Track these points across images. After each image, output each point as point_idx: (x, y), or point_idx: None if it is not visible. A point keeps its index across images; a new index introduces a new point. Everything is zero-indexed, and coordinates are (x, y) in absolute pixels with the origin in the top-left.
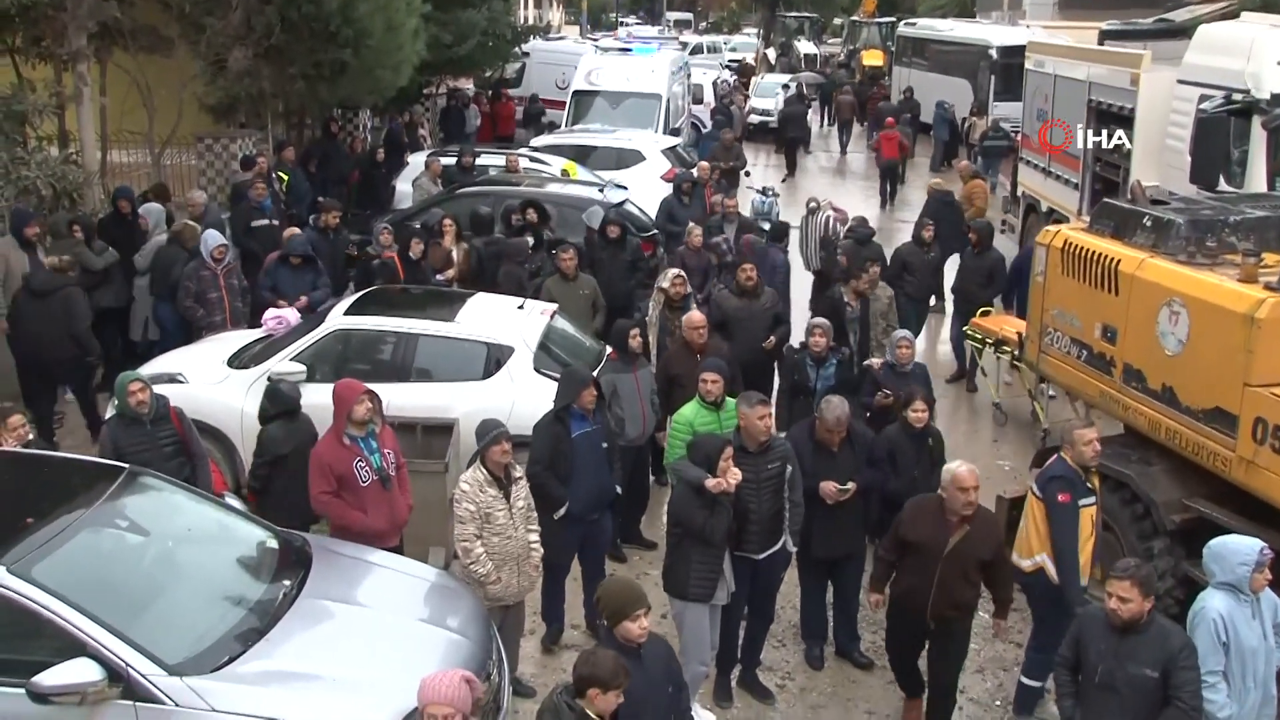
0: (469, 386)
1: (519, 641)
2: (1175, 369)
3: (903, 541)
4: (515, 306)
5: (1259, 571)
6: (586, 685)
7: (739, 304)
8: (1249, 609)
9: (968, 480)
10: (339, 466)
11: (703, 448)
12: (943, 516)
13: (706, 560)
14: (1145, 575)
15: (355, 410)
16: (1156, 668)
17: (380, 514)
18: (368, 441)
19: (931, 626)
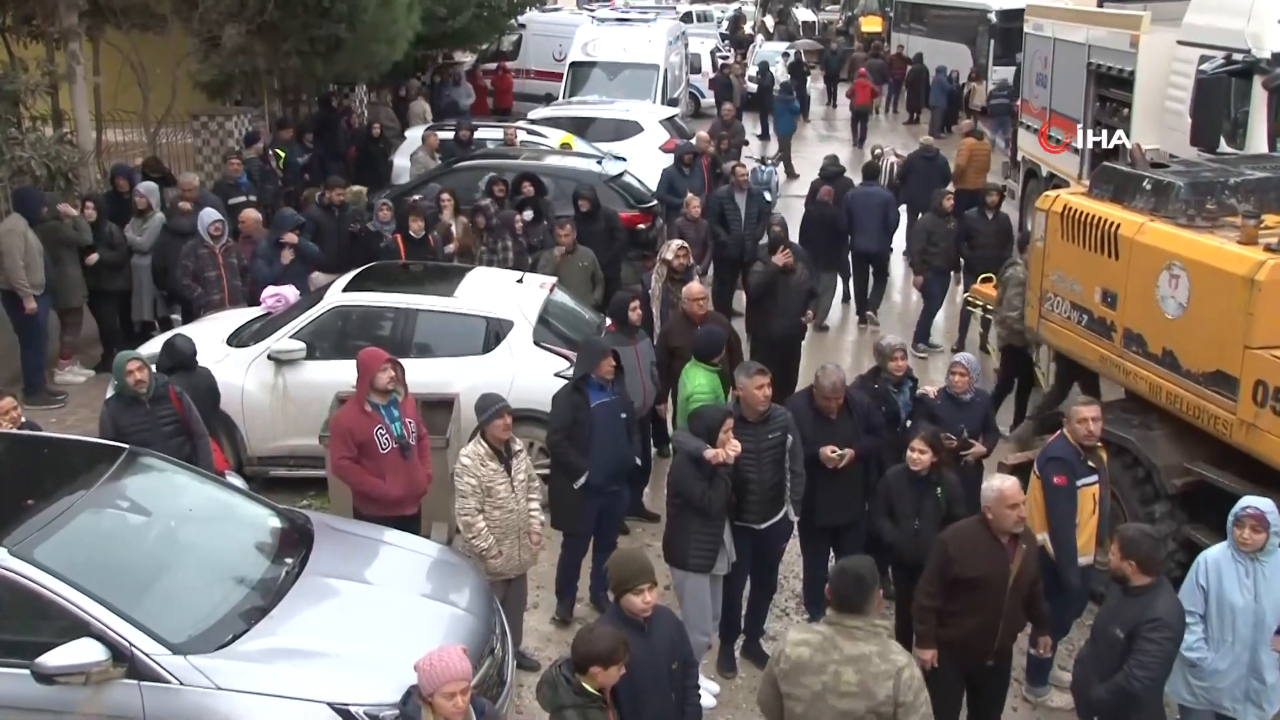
0: (469, 361)
1: (522, 615)
2: (1176, 333)
3: (956, 580)
4: (514, 280)
5: (1238, 527)
6: (586, 664)
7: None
8: (1242, 568)
9: (1015, 495)
10: (360, 433)
11: (703, 419)
12: (995, 542)
13: (706, 531)
14: (1128, 538)
15: (378, 378)
16: (1124, 629)
17: (398, 481)
18: (389, 410)
19: (990, 664)
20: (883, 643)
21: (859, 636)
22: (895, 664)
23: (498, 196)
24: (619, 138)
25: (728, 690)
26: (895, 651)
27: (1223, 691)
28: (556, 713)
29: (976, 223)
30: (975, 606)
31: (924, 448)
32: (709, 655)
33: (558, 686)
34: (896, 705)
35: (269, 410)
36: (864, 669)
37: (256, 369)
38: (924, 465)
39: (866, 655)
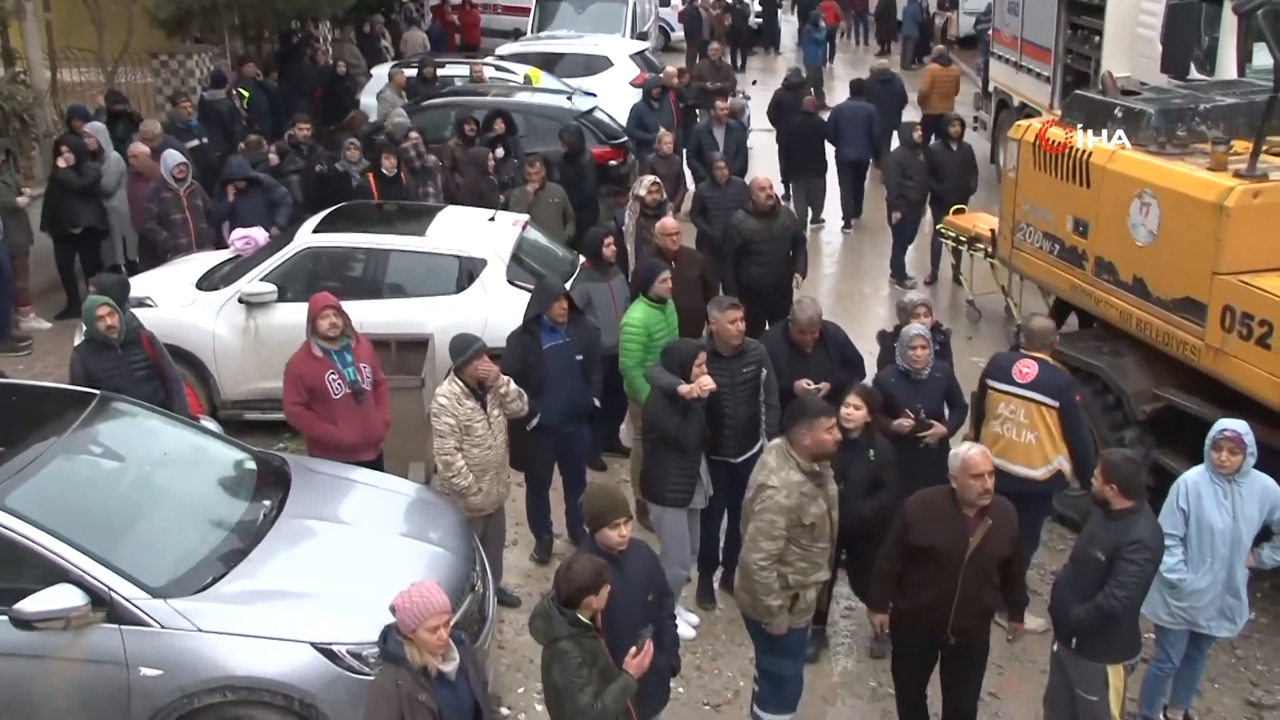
0: (442, 301)
1: (502, 552)
2: (1146, 260)
3: (912, 548)
4: (486, 219)
5: (1215, 450)
6: (578, 597)
7: (757, 226)
8: (1220, 489)
9: (981, 464)
10: (311, 378)
11: (676, 353)
12: (958, 512)
13: (682, 465)
14: (1111, 463)
15: (318, 324)
16: (1104, 551)
17: (352, 427)
18: (341, 355)
19: (951, 642)
20: (779, 462)
21: (777, 453)
22: (766, 480)
23: (467, 135)
24: (588, 73)
25: (707, 621)
26: (778, 474)
27: (1200, 610)
28: (552, 645)
29: (941, 154)
30: (930, 578)
31: (859, 403)
32: (688, 588)
33: (551, 618)
34: (751, 509)
35: (241, 354)
36: (758, 471)
37: (227, 312)
38: (857, 423)
39: (765, 463)
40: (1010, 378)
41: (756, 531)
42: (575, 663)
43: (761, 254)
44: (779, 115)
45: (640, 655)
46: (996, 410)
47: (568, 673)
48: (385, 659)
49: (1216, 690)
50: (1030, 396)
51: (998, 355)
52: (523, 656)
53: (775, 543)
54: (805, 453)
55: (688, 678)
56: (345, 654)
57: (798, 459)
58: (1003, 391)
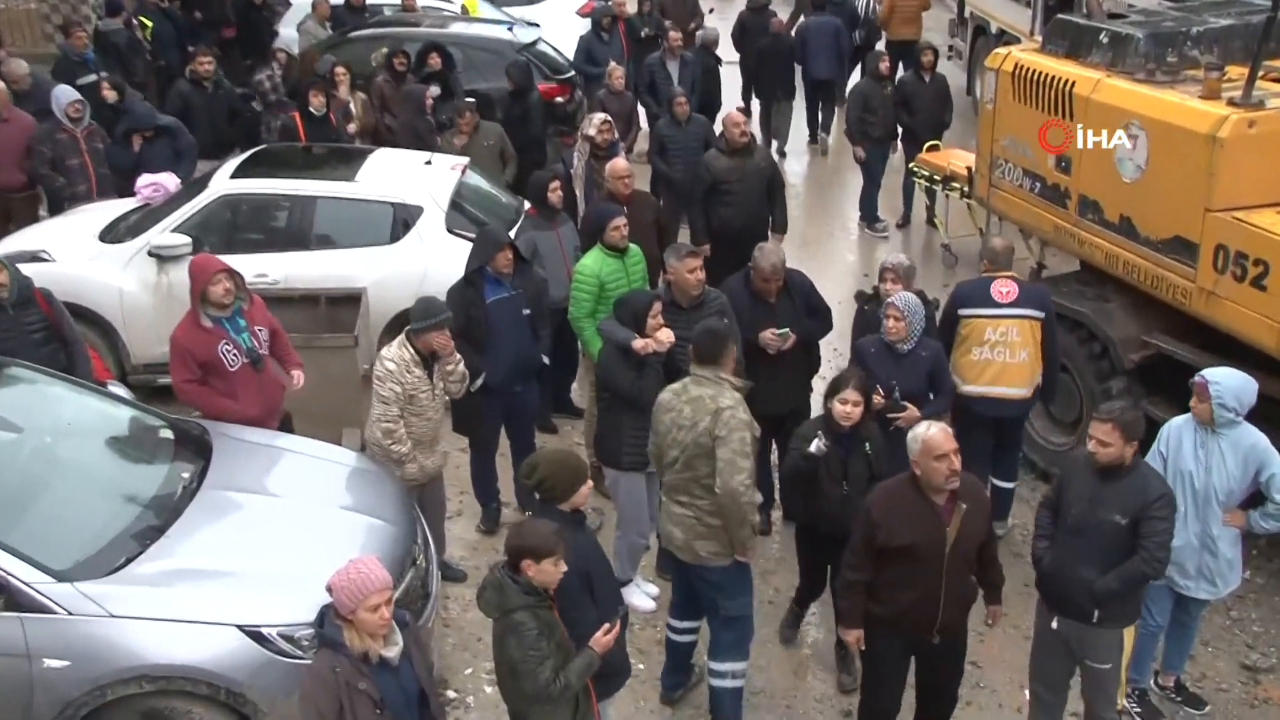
0: (376, 252)
1: (443, 523)
2: (1133, 197)
3: (884, 550)
4: (422, 162)
5: (1194, 397)
6: (522, 556)
7: (729, 164)
8: (1198, 438)
9: (944, 443)
10: (202, 352)
11: (629, 305)
12: (928, 502)
13: (640, 425)
14: (1129, 419)
15: (210, 291)
16: (1127, 514)
17: (253, 399)
18: (234, 321)
19: (936, 641)
20: (718, 389)
21: (703, 383)
22: (719, 404)
23: (399, 70)
24: (531, 1)
25: (666, 592)
26: (725, 396)
27: (1176, 567)
28: (505, 616)
29: (912, 86)
30: (910, 578)
31: (856, 398)
32: (647, 557)
33: (504, 588)
34: (714, 437)
35: (153, 312)
36: (697, 406)
37: (136, 267)
38: (853, 420)
39: (701, 396)
40: (991, 300)
41: (733, 454)
42: (532, 635)
43: (733, 195)
44: (743, 39)
45: (611, 632)
46: (983, 337)
47: (524, 646)
48: (321, 643)
49: (1210, 654)
50: (1020, 314)
51: (962, 285)
52: (470, 635)
53: (749, 459)
54: (731, 370)
55: (648, 653)
56: (276, 637)
57: (731, 380)
58: (988, 316)
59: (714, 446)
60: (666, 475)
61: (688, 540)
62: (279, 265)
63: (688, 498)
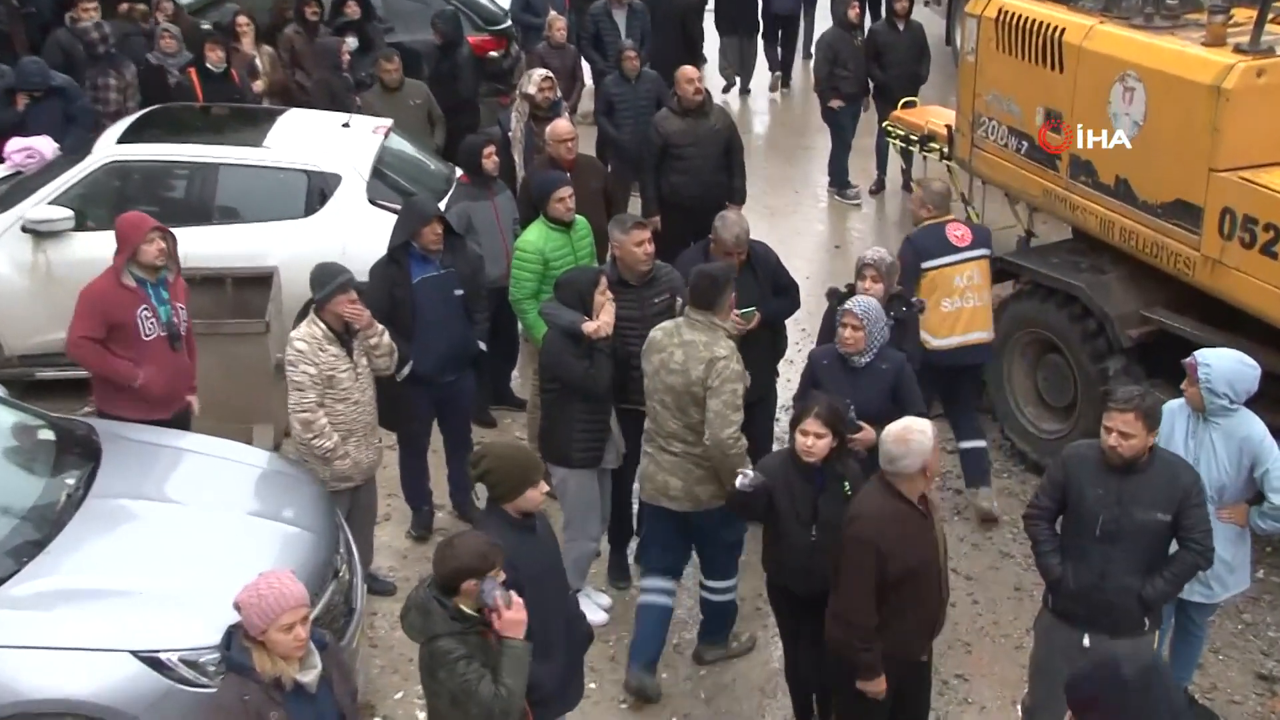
0: (288, 226)
1: (372, 530)
2: (1130, 157)
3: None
4: (340, 124)
5: (1185, 380)
6: (456, 581)
7: (682, 126)
8: (1190, 425)
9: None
10: (117, 313)
11: (572, 284)
12: (915, 511)
13: (590, 418)
14: (1150, 406)
15: (143, 251)
16: (1169, 509)
17: (161, 377)
18: (158, 289)
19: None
20: (712, 335)
21: (697, 328)
22: (714, 353)
23: (310, 20)
24: None
25: (620, 604)
26: (720, 345)
27: None
28: (429, 643)
29: (885, 36)
30: (914, 599)
31: (820, 430)
32: (598, 564)
33: (429, 611)
34: (705, 387)
35: (29, 297)
36: (690, 352)
37: (7, 245)
38: (818, 455)
39: (695, 342)
40: (951, 247)
41: (723, 406)
42: (459, 658)
43: (687, 160)
44: None
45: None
46: (952, 286)
47: (456, 674)
48: (229, 668)
49: (1221, 662)
50: (978, 255)
51: (915, 236)
52: (399, 655)
53: (740, 412)
54: (727, 317)
55: (600, 670)
56: (176, 663)
57: (725, 326)
58: (953, 264)
59: (705, 397)
60: (655, 420)
61: (688, 487)
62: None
63: (682, 445)
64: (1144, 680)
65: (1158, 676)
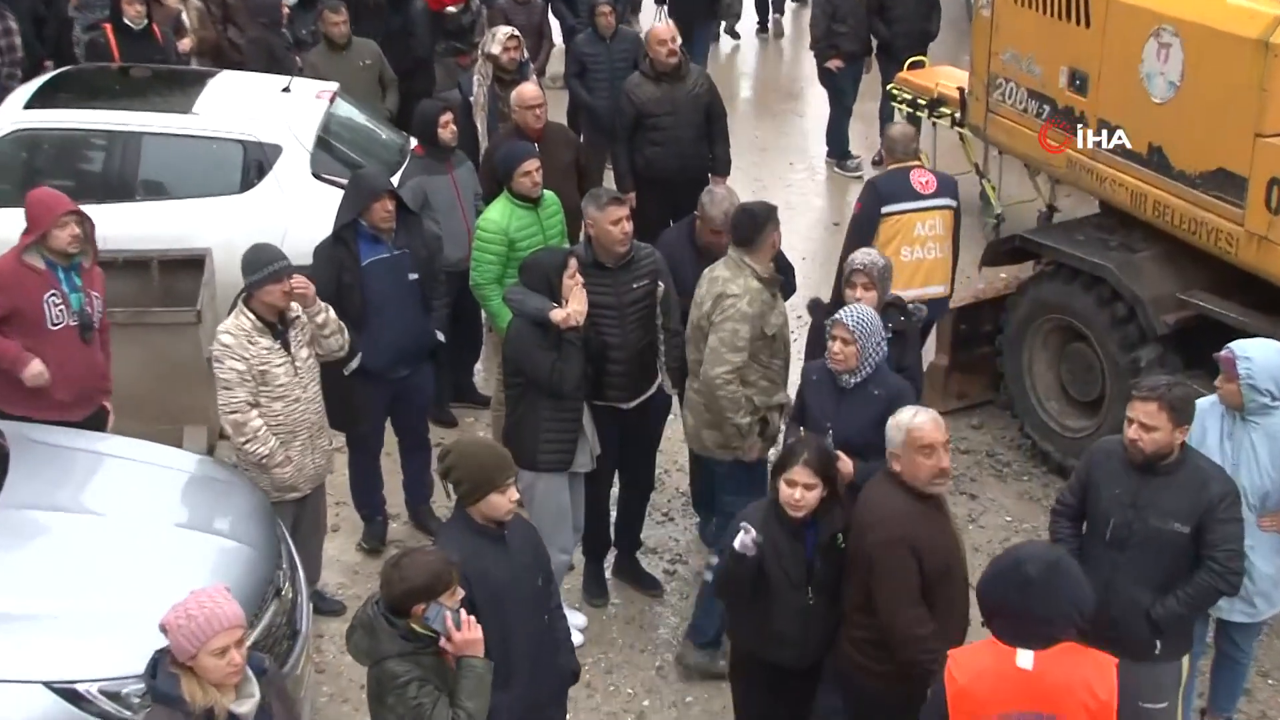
0: (222, 203)
1: (320, 543)
2: (1166, 122)
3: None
4: (279, 88)
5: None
6: (405, 604)
7: (656, 92)
8: (1226, 425)
9: (932, 433)
10: (19, 295)
11: (538, 267)
12: (928, 506)
13: (560, 416)
14: (1178, 397)
15: (54, 236)
16: (1188, 520)
17: (71, 373)
18: (70, 275)
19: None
20: (735, 272)
21: (728, 264)
22: (726, 289)
23: None
24: None
25: (597, 623)
26: (736, 283)
27: None
28: (377, 665)
29: None
30: (945, 606)
31: (810, 480)
32: (570, 578)
33: (376, 631)
34: (709, 321)
35: None
36: (710, 287)
37: None
38: (807, 509)
39: (718, 277)
40: (914, 193)
41: (719, 343)
42: (410, 681)
43: (664, 130)
44: None
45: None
46: (913, 233)
47: (406, 699)
48: (154, 699)
49: (1272, 687)
50: (941, 204)
51: (877, 179)
52: (349, 681)
53: (739, 354)
54: (766, 258)
55: (573, 698)
56: (96, 694)
57: (754, 266)
58: (916, 210)
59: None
60: (689, 354)
61: (696, 428)
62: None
63: (697, 383)
64: (1047, 577)
65: (1062, 573)
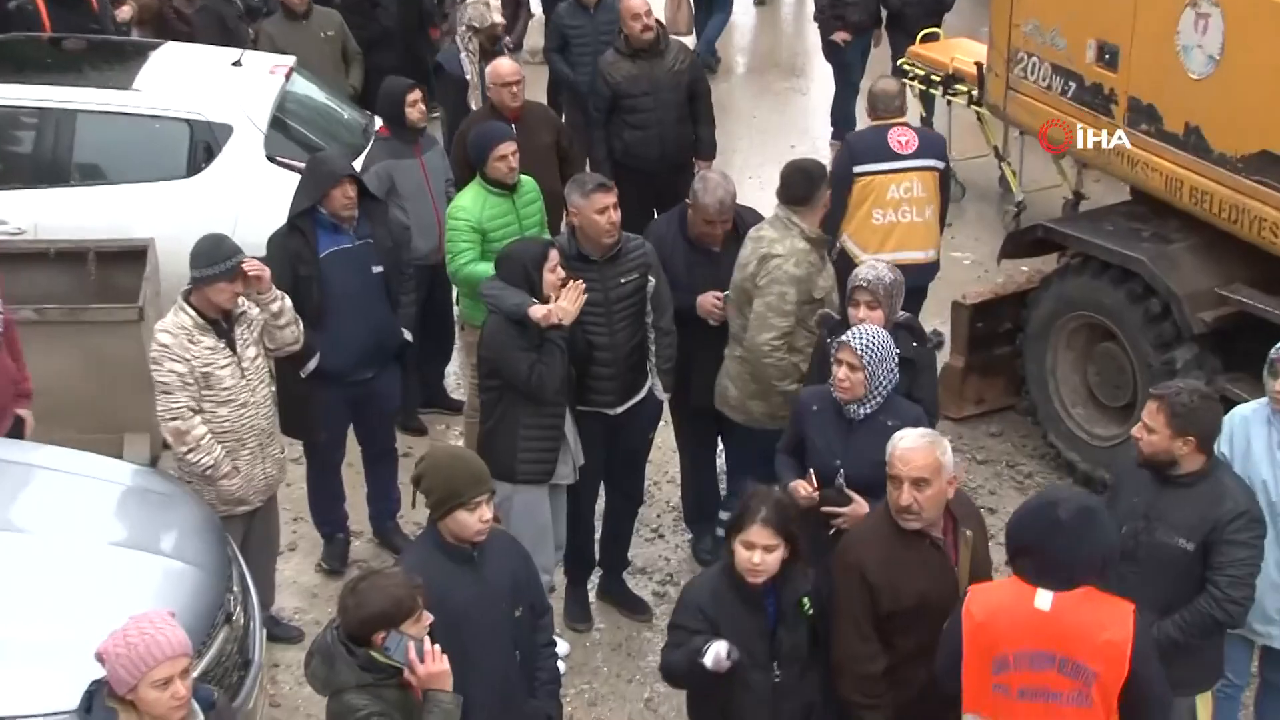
0: (166, 189)
1: (274, 564)
2: (1204, 99)
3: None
4: (230, 63)
5: (1273, 376)
6: (364, 631)
7: (632, 70)
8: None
9: (900, 466)
10: None
11: (515, 258)
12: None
13: (540, 423)
14: (1185, 404)
15: None
16: (1193, 537)
17: None
18: None
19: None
20: (783, 232)
21: (775, 223)
22: (772, 250)
23: None
24: None
25: (580, 650)
26: (783, 243)
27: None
28: (335, 697)
29: None
30: (921, 649)
31: (769, 540)
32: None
33: (335, 660)
34: (755, 284)
35: None
36: (755, 248)
37: None
38: (766, 574)
39: (764, 237)
40: (891, 153)
41: (766, 308)
42: (369, 716)
43: (643, 112)
44: None
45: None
46: (885, 196)
47: None
48: None
49: None
50: (922, 165)
51: (854, 137)
52: (307, 716)
53: (787, 319)
54: (817, 218)
55: None
56: None
57: (803, 225)
58: (890, 171)
59: (752, 295)
60: (730, 319)
61: (741, 399)
62: (24, 208)
63: (741, 350)
64: (1078, 521)
65: (1093, 519)
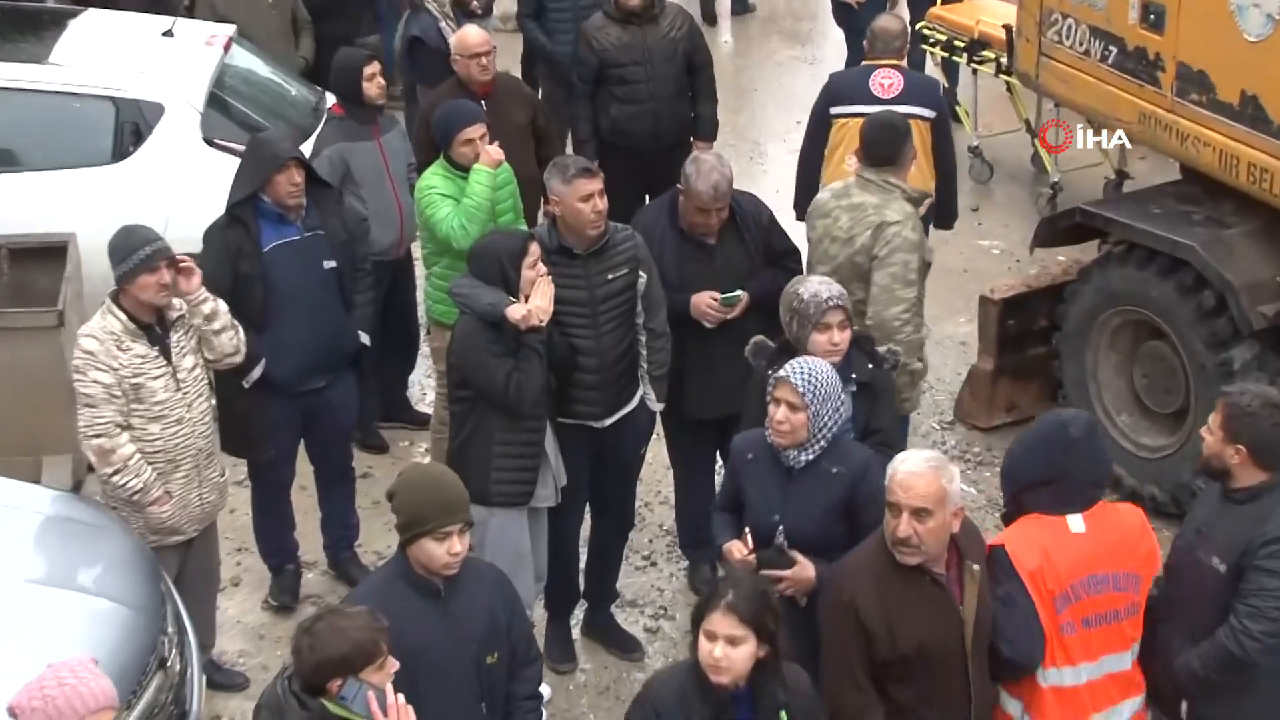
0: (89, 176)
1: (214, 601)
2: (1262, 65)
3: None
4: (161, 32)
5: None
6: (318, 678)
7: (622, 37)
8: None
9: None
10: None
11: (491, 253)
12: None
13: (517, 439)
14: (1240, 406)
15: None
16: (1227, 558)
17: None
18: None
19: None
20: (886, 197)
21: (869, 188)
22: (884, 217)
23: None
24: None
25: (563, 694)
26: (893, 208)
27: None
28: None
29: None
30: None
31: (735, 632)
32: None
33: (285, 714)
34: (871, 257)
35: None
36: (858, 216)
37: None
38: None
39: (864, 205)
40: (870, 96)
41: (891, 280)
42: None
43: (633, 84)
44: None
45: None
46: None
47: None
48: None
49: None
50: (906, 113)
51: (834, 75)
52: None
53: (912, 289)
54: (906, 175)
55: None
56: None
57: (903, 186)
58: (866, 115)
59: (870, 269)
60: None
61: None
62: None
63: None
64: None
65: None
